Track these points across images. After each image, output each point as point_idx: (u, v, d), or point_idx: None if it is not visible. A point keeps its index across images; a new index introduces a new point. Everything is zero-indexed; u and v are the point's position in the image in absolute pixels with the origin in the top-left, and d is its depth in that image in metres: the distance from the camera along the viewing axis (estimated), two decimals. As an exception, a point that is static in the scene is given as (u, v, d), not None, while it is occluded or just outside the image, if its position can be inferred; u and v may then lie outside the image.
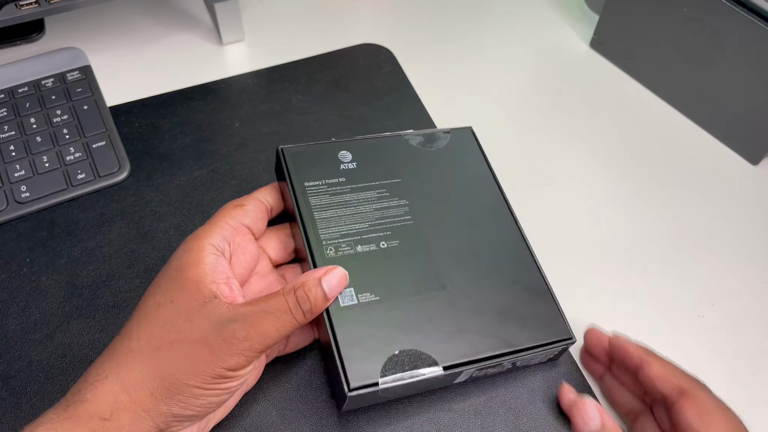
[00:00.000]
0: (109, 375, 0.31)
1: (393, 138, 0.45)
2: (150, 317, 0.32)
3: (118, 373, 0.31)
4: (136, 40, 0.58)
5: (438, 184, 0.43)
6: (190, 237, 0.35)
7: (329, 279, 0.34)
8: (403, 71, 0.55)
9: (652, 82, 0.55)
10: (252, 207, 0.39)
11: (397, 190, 0.42)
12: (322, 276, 0.34)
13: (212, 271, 0.33)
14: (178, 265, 0.34)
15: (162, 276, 0.34)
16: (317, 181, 0.41)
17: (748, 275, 0.45)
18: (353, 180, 0.42)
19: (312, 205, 0.40)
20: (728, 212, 0.48)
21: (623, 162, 0.51)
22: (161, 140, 0.50)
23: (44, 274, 0.43)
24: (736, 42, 0.47)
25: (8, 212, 0.45)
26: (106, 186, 0.47)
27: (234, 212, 0.38)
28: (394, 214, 0.41)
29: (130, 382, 0.30)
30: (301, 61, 0.56)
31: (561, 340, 0.38)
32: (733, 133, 0.51)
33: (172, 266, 0.34)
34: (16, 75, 0.52)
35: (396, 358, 0.35)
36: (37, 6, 0.49)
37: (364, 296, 0.37)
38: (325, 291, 0.34)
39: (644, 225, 0.47)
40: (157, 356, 0.31)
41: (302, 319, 0.33)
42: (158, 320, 0.32)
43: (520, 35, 0.60)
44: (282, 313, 0.32)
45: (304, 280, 0.34)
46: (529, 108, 0.54)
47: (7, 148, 0.47)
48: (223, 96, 0.53)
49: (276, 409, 0.38)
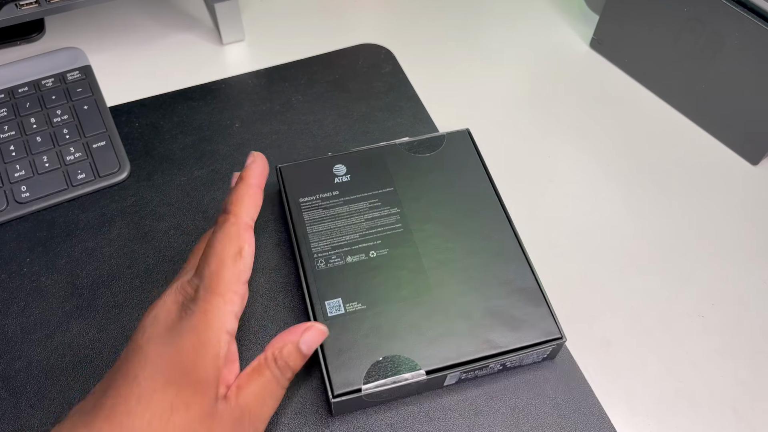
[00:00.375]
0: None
1: (388, 147, 0.46)
2: (163, 422, 0.29)
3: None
4: (136, 40, 0.58)
5: (432, 189, 0.44)
6: (202, 321, 0.31)
7: (307, 340, 0.34)
8: (403, 71, 0.55)
9: (652, 82, 0.55)
10: (249, 250, 0.34)
11: (390, 198, 0.43)
12: (299, 340, 0.34)
13: (224, 363, 0.32)
14: (194, 360, 0.30)
15: (172, 358, 0.30)
16: (311, 196, 0.43)
17: (748, 275, 0.45)
18: (346, 192, 0.43)
19: (305, 221, 0.42)
20: (728, 212, 0.48)
21: (623, 162, 0.51)
22: (161, 140, 0.50)
23: (44, 274, 0.43)
24: (736, 42, 0.47)
25: (8, 212, 0.45)
26: (106, 186, 0.47)
27: (238, 271, 0.32)
28: (384, 223, 0.42)
29: None
30: (301, 61, 0.56)
31: (550, 340, 0.38)
32: (733, 133, 0.51)
33: (185, 357, 0.30)
34: (16, 75, 0.52)
35: (380, 365, 0.36)
36: (37, 6, 0.49)
37: (351, 305, 0.38)
38: (303, 352, 0.34)
39: (644, 225, 0.47)
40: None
41: (287, 383, 0.34)
42: (173, 428, 0.29)
43: (520, 35, 0.60)
44: (272, 388, 0.33)
45: (282, 347, 0.33)
46: (528, 108, 0.54)
47: (7, 148, 0.47)
48: (223, 96, 0.53)
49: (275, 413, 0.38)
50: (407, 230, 0.42)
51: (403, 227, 0.42)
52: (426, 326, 0.38)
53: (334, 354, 0.37)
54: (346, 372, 0.36)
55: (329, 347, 0.37)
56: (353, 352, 0.37)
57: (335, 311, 0.38)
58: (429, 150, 0.46)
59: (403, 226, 0.42)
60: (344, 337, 0.37)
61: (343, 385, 0.36)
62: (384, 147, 0.46)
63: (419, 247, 0.41)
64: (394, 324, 0.38)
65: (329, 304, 0.38)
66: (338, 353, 0.37)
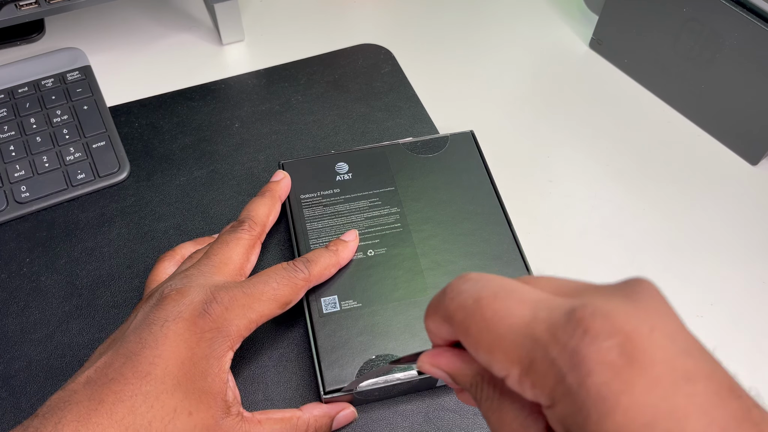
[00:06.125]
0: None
1: (390, 147, 0.46)
2: (164, 425, 0.29)
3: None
4: (136, 40, 0.58)
5: (433, 190, 0.44)
6: (218, 337, 0.32)
7: (340, 419, 0.36)
8: (403, 71, 0.56)
9: (651, 82, 0.55)
10: (251, 266, 0.39)
11: (390, 198, 0.43)
12: (335, 415, 0.36)
13: (228, 378, 0.32)
14: (204, 369, 0.31)
15: (185, 362, 0.31)
16: (313, 193, 0.43)
17: (748, 275, 0.45)
18: (347, 190, 0.43)
19: (305, 217, 0.42)
20: (727, 212, 0.48)
21: (622, 162, 0.51)
22: (161, 140, 0.50)
23: (44, 274, 0.43)
24: (736, 42, 0.47)
25: (8, 212, 0.45)
26: (105, 186, 0.47)
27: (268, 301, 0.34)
28: (383, 222, 0.42)
29: None
30: (300, 62, 0.56)
31: None
32: (733, 133, 0.51)
33: (197, 365, 0.31)
34: (16, 75, 0.52)
35: (372, 363, 0.37)
36: (37, 6, 0.49)
37: (346, 303, 0.39)
38: (333, 427, 0.36)
39: (643, 225, 0.47)
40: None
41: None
42: (173, 430, 0.29)
43: (519, 35, 0.60)
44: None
45: (320, 416, 0.35)
46: (528, 108, 0.54)
47: (7, 148, 0.47)
48: (222, 96, 0.53)
49: (272, 407, 0.38)
50: (406, 230, 0.42)
51: (402, 227, 0.42)
52: (420, 327, 0.38)
53: (327, 351, 0.37)
54: (338, 369, 0.36)
55: (323, 344, 0.37)
56: (346, 350, 0.37)
57: (330, 308, 0.38)
58: (432, 151, 0.46)
59: (403, 225, 0.42)
60: (338, 335, 0.37)
61: (334, 382, 0.36)
62: (386, 146, 0.46)
63: (417, 247, 0.41)
64: (389, 323, 0.38)
65: (325, 301, 0.39)
66: (331, 350, 0.37)
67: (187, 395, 0.30)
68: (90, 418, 0.28)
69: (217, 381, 0.31)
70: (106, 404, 0.29)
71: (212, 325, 0.32)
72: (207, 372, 0.31)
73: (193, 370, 0.31)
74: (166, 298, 0.32)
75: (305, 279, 0.36)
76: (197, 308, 0.32)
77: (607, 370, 0.17)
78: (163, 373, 0.30)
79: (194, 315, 0.32)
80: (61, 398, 0.29)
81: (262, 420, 0.33)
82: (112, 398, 0.29)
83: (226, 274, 0.35)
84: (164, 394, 0.29)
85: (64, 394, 0.29)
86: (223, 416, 0.31)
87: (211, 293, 0.33)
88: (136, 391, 0.29)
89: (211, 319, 0.32)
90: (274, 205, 0.41)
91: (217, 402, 0.31)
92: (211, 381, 0.31)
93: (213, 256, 0.36)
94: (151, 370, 0.30)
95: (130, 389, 0.29)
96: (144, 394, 0.29)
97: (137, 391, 0.29)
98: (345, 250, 0.39)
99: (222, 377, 0.31)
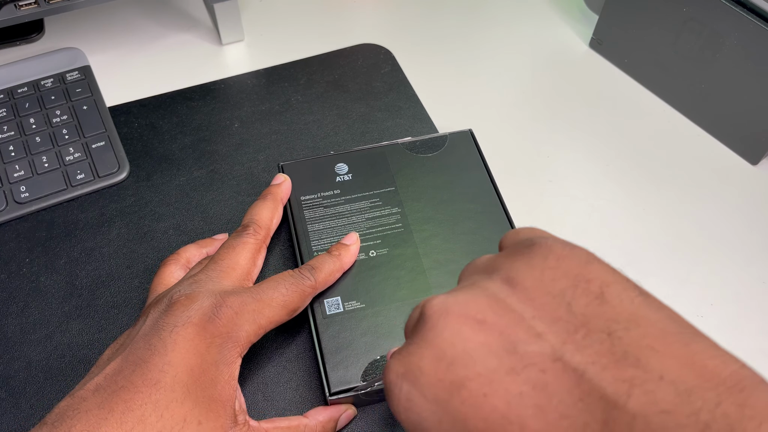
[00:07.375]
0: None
1: (390, 147, 0.46)
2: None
3: None
4: (136, 41, 0.58)
5: (433, 190, 0.44)
6: (227, 342, 0.32)
7: (343, 420, 0.37)
8: (403, 71, 0.55)
9: (651, 82, 0.55)
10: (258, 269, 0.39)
11: (391, 198, 0.43)
12: (339, 417, 0.36)
13: (236, 386, 0.33)
14: (213, 377, 0.31)
15: (195, 370, 0.31)
16: (313, 194, 0.43)
17: (748, 275, 0.45)
18: (347, 191, 0.43)
19: (306, 218, 0.42)
20: (727, 212, 0.48)
21: (622, 162, 0.51)
22: (161, 140, 0.50)
23: (43, 275, 0.43)
24: (736, 42, 0.47)
25: (8, 212, 0.45)
26: (105, 186, 0.47)
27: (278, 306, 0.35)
28: (385, 223, 0.42)
29: None
30: (300, 61, 0.56)
31: None
32: (733, 133, 0.51)
33: (207, 373, 0.31)
34: (16, 75, 0.52)
35: (377, 363, 0.36)
36: (37, 6, 0.49)
37: (350, 304, 0.38)
38: (336, 428, 0.36)
39: (643, 225, 0.47)
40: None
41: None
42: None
43: (519, 35, 0.60)
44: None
45: (326, 422, 0.35)
46: (528, 108, 0.54)
47: (6, 148, 0.47)
48: (222, 96, 0.53)
49: (275, 410, 0.38)
50: (407, 230, 0.42)
51: (403, 227, 0.42)
52: None
53: (331, 352, 0.37)
54: (343, 370, 0.36)
55: (327, 345, 0.37)
56: (351, 351, 0.37)
57: (334, 309, 0.38)
58: (431, 150, 0.46)
59: (404, 225, 0.42)
60: (342, 336, 0.37)
61: (340, 383, 0.36)
62: (386, 146, 0.46)
63: (419, 247, 0.41)
64: (392, 323, 0.38)
65: (328, 302, 0.38)
66: (336, 351, 0.37)
67: (197, 404, 0.30)
68: (100, 427, 0.28)
69: (227, 388, 0.31)
70: (116, 413, 0.28)
71: (222, 330, 0.32)
72: (217, 379, 0.31)
73: (203, 377, 0.31)
74: (176, 304, 0.32)
75: (312, 286, 0.36)
76: (207, 313, 0.32)
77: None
78: (172, 381, 0.30)
79: (204, 320, 0.32)
80: (69, 406, 0.29)
81: (268, 429, 0.33)
82: (121, 407, 0.29)
83: (234, 279, 0.35)
84: (174, 403, 0.29)
85: (73, 401, 0.29)
86: (231, 425, 0.31)
87: (220, 298, 0.33)
88: (146, 399, 0.29)
89: (221, 324, 0.32)
90: (277, 208, 0.41)
91: (226, 410, 0.31)
92: (221, 389, 0.31)
93: (220, 261, 0.36)
94: (160, 378, 0.29)
95: (140, 398, 0.29)
96: (153, 403, 0.29)
97: (147, 400, 0.29)
98: (347, 254, 0.39)
99: (232, 384, 0.31)
